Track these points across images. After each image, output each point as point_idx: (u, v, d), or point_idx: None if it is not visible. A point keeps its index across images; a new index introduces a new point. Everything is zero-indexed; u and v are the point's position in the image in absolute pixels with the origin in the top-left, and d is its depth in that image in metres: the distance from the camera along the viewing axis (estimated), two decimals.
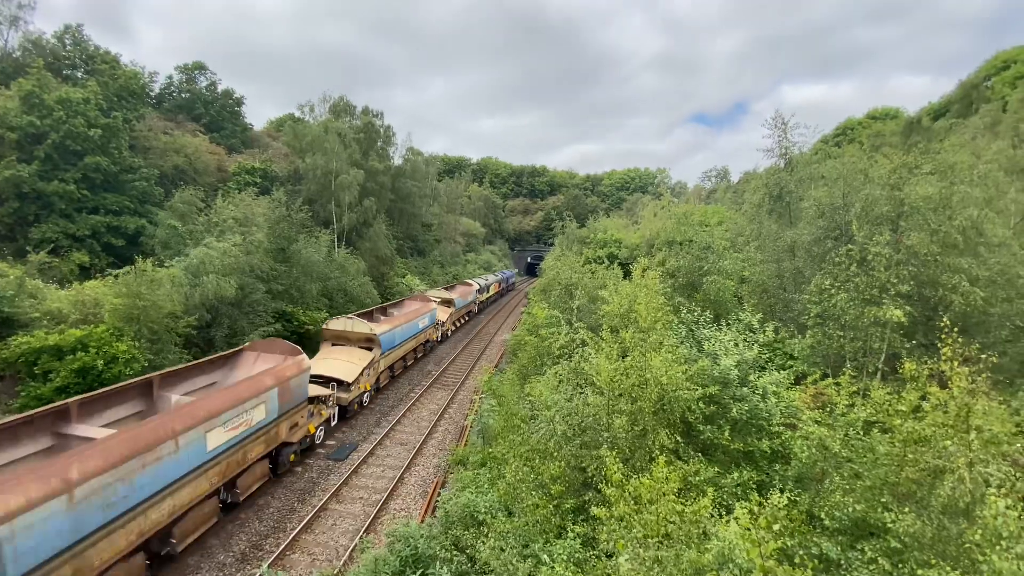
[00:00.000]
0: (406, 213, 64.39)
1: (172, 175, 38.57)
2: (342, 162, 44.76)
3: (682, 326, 15.54)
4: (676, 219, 27.12)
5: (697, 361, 12.01)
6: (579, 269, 24.91)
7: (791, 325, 20.29)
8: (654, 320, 13.25)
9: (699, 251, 22.47)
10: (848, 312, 14.98)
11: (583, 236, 51.95)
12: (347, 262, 37.75)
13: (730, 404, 11.32)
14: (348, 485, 17.57)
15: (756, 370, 12.62)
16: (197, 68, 54.61)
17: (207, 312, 24.19)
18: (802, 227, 20.44)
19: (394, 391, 27.85)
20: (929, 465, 7.47)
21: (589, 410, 11.26)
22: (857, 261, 15.18)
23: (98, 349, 18.33)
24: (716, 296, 20.60)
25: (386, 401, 26.15)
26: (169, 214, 31.13)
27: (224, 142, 51.60)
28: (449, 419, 24.25)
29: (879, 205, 16.20)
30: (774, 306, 21.44)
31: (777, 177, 22.82)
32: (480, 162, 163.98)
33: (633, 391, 10.89)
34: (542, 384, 13.84)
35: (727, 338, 13.17)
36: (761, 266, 22.07)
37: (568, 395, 12.38)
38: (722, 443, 10.99)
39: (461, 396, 27.53)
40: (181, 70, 54.25)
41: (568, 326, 19.34)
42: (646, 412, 10.61)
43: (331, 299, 33.79)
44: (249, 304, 25.90)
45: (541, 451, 11.55)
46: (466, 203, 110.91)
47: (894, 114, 72.43)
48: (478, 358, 36.28)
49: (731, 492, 10.05)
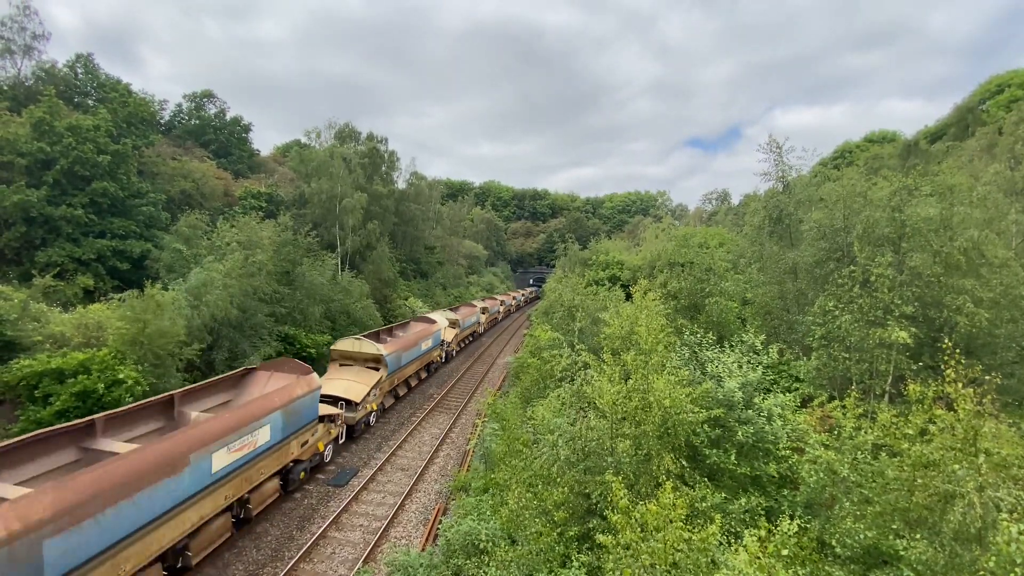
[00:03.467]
0: (409, 236, 65.06)
1: (179, 200, 39.19)
2: (347, 186, 45.55)
3: (685, 348, 15.42)
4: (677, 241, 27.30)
5: (701, 383, 11.91)
6: (581, 291, 24.98)
7: (795, 347, 20.43)
8: (656, 342, 13.08)
9: (701, 273, 22.52)
10: (853, 334, 15.01)
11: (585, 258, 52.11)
12: (351, 284, 38.00)
13: (735, 427, 11.26)
14: (348, 512, 17.27)
15: (761, 392, 12.47)
16: (205, 96, 56.03)
17: (208, 334, 24.24)
18: (803, 248, 20.61)
19: (396, 415, 27.67)
20: (939, 490, 7.36)
21: (592, 434, 11.14)
22: (860, 282, 15.25)
23: (100, 372, 18.32)
24: (719, 318, 20.54)
25: (387, 425, 25.96)
26: (175, 238, 31.52)
27: (231, 167, 52.58)
28: (451, 443, 24.03)
29: (880, 226, 16.34)
30: (778, 327, 21.43)
31: (776, 200, 23.07)
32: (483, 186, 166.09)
33: (636, 414, 10.79)
34: (544, 407, 13.72)
35: (730, 360, 13.04)
36: (763, 287, 22.17)
37: (571, 419, 12.23)
38: (728, 467, 10.86)
39: (463, 420, 27.32)
40: (190, 98, 55.68)
41: (570, 348, 19.26)
42: (650, 436, 10.48)
43: (334, 321, 33.93)
44: (251, 326, 25.97)
45: (544, 476, 11.39)
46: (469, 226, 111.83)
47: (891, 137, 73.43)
48: (480, 380, 36.14)
49: (739, 518, 9.90)
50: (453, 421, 26.75)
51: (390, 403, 27.85)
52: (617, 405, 10.92)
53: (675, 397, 10.69)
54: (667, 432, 10.81)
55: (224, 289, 24.75)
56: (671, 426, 10.74)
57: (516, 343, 53.03)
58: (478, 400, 29.58)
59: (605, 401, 10.90)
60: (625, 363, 12.09)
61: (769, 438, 11.06)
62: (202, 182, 42.00)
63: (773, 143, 22.72)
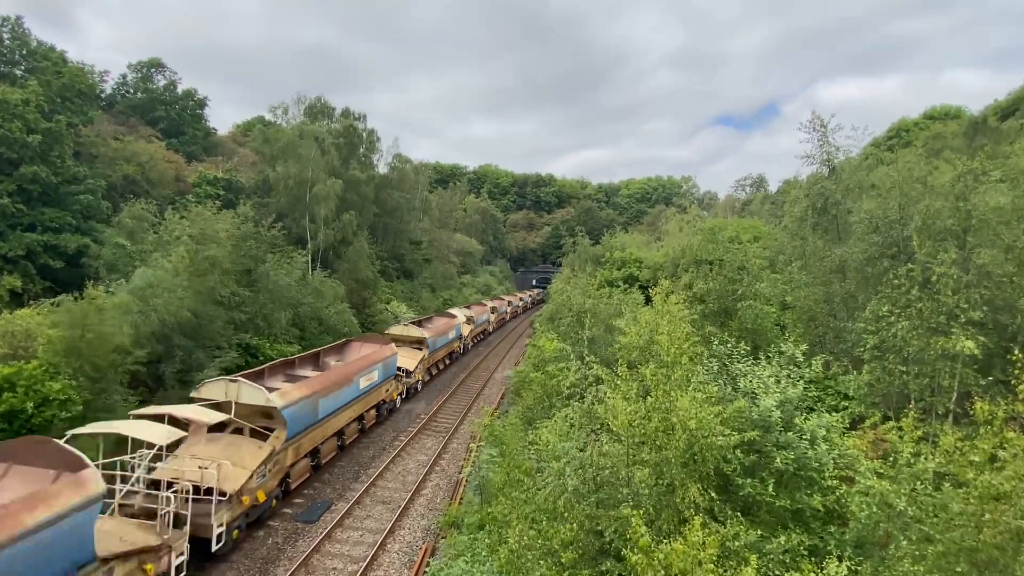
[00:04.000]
0: (392, 229, 65.30)
1: (122, 187, 39.29)
2: (319, 171, 45.80)
3: (713, 360, 15.36)
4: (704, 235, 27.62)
5: (732, 401, 11.92)
6: (592, 293, 25.14)
7: (844, 359, 20.38)
8: (679, 353, 13.21)
9: (732, 272, 22.62)
10: (911, 343, 14.98)
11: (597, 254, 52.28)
12: (323, 286, 38.21)
13: (773, 452, 11.05)
14: (319, 552, 17.25)
15: (803, 412, 12.40)
16: (154, 66, 56.27)
17: (158, 343, 24.26)
18: (852, 244, 20.63)
19: (377, 438, 27.83)
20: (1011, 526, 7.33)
21: (605, 461, 11.17)
22: (919, 283, 15.19)
23: (28, 389, 18.25)
24: (753, 324, 20.63)
25: (366, 450, 26.08)
26: (116, 231, 31.63)
27: (183, 149, 52.81)
28: (441, 472, 24.16)
29: (942, 217, 16.30)
30: (823, 336, 21.44)
31: (821, 187, 23.08)
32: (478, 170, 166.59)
33: (657, 437, 10.82)
34: (550, 430, 13.79)
35: (767, 374, 13.03)
36: (806, 289, 22.12)
37: (580, 443, 12.27)
38: (765, 500, 10.72)
39: (455, 445, 27.48)
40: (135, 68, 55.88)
41: (579, 361, 19.40)
42: (673, 463, 10.49)
43: (303, 329, 34.16)
44: (206, 334, 26.02)
45: (549, 511, 11.41)
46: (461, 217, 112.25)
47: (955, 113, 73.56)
48: (475, 397, 36.37)
49: (778, 560, 9.82)
50: (443, 445, 26.95)
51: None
52: (634, 427, 10.75)
53: (702, 417, 10.51)
54: (693, 459, 10.78)
55: (173, 291, 24.70)
56: (698, 451, 10.72)
57: (517, 354, 53.37)
58: (472, 421, 29.84)
59: (620, 422, 10.69)
60: (644, 378, 11.93)
61: (813, 465, 10.95)
62: (149, 166, 42.12)
63: (816, 120, 22.76)
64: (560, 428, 13.81)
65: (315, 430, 21.68)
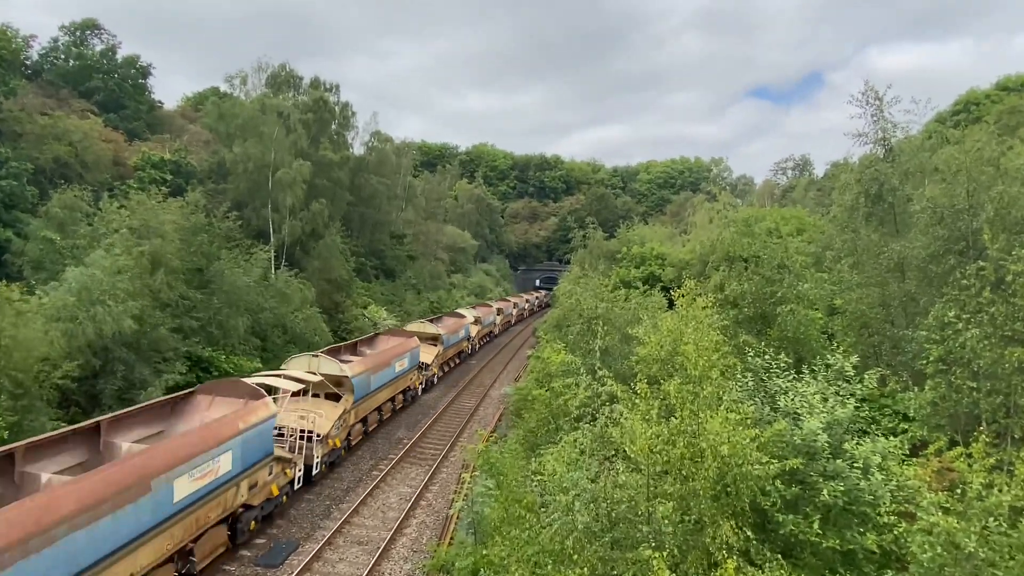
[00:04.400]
0: (369, 220, 65.39)
1: (52, 170, 39.30)
2: (283, 152, 45.86)
3: (748, 374, 15.61)
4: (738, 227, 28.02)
5: (771, 423, 11.99)
6: (606, 296, 25.21)
7: (902, 372, 20.41)
8: (708, 366, 13.19)
9: (771, 271, 22.66)
10: (982, 354, 14.80)
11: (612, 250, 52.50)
12: (288, 287, 38.21)
13: (819, 483, 11.12)
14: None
15: (854, 436, 12.58)
16: (88, 28, 56.26)
17: (94, 355, 24.20)
18: (913, 237, 20.68)
19: (352, 466, 27.80)
20: None
21: (622, 494, 11.19)
22: (991, 283, 15.07)
23: None
24: (795, 332, 20.65)
25: (339, 482, 26.04)
26: (44, 223, 31.47)
27: (123, 126, 52.81)
28: (427, 507, 24.17)
29: (1018, 206, 16.39)
30: (878, 346, 21.60)
31: (875, 170, 23.14)
32: (471, 151, 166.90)
33: (683, 466, 10.85)
34: (556, 457, 13.76)
35: (812, 391, 13.16)
36: (858, 291, 22.26)
37: (592, 472, 12.29)
38: (810, 539, 10.67)
39: (444, 474, 27.48)
40: (68, 31, 55.86)
41: (591, 375, 19.42)
42: (702, 496, 10.51)
43: (264, 339, 34.03)
44: (150, 344, 25.97)
45: (556, 553, 11.28)
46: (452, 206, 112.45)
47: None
48: (467, 419, 36.43)
49: None
50: (430, 475, 26.95)
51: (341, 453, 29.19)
52: (656, 453, 10.78)
53: (736, 442, 10.53)
54: (725, 491, 10.79)
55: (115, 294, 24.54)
56: (731, 482, 10.73)
57: (516, 368, 53.79)
58: (463, 446, 29.91)
59: (639, 448, 10.74)
60: (666, 395, 11.93)
61: (866, 498, 11.00)
62: (83, 145, 42.13)
63: (870, 92, 22.82)
64: (568, 455, 13.79)
65: (368, 399, 31.11)
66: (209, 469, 16.95)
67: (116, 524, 13.60)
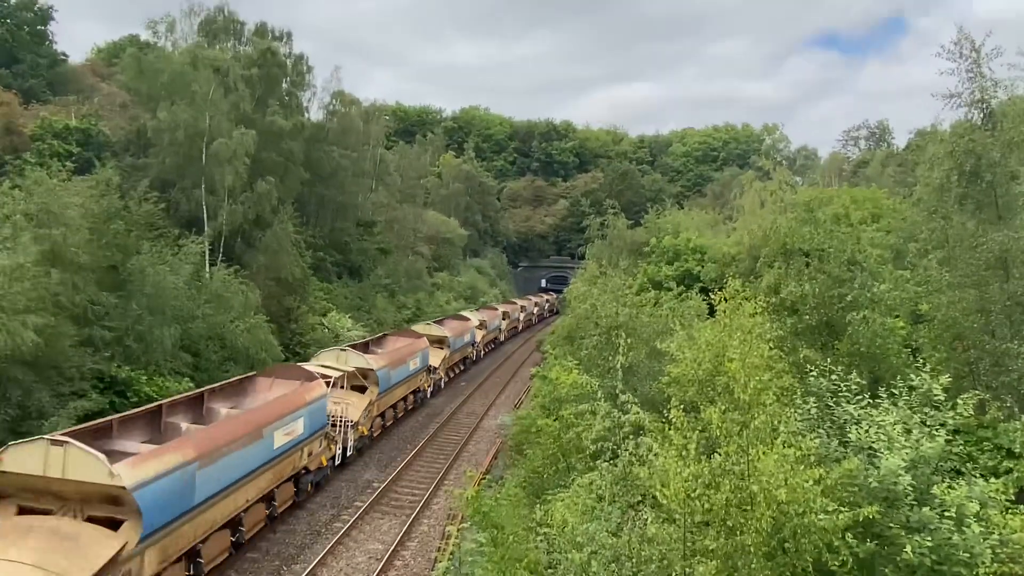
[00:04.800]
0: (330, 204, 65.40)
1: None
2: (221, 116, 45.48)
3: (811, 399, 15.78)
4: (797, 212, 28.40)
5: (840, 461, 12.27)
6: (631, 300, 26.02)
7: (1006, 397, 20.58)
8: (759, 389, 12.95)
9: (839, 268, 22.81)
10: None
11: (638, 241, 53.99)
12: (227, 289, 38.11)
13: (901, 538, 11.32)
14: None
15: (945, 477, 12.84)
16: None
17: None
18: (1019, 225, 20.80)
19: (306, 517, 27.75)
20: None
21: (651, 551, 11.58)
22: None
23: None
24: (870, 346, 20.73)
25: (293, 535, 25.79)
26: None
27: (18, 84, 51.46)
28: (403, 567, 24.43)
29: None
30: (975, 363, 21.62)
31: (970, 140, 23.05)
32: (459, 116, 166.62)
33: (728, 516, 11.03)
34: (567, 504, 14.82)
35: (891, 419, 13.33)
36: (949, 293, 22.21)
37: (614, 524, 12.83)
38: None
39: (424, 527, 27.73)
40: None
41: (611, 401, 19.68)
42: (752, 554, 10.66)
43: (197, 355, 33.78)
44: (51, 362, 25.17)
45: None
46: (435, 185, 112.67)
47: None
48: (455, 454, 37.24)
49: None
50: (407, 527, 27.11)
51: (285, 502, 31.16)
52: (694, 500, 10.99)
53: (795, 485, 10.70)
54: (782, 547, 11.16)
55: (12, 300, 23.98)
56: (789, 536, 11.03)
57: (515, 392, 54.56)
58: (449, 489, 30.19)
59: (673, 493, 10.98)
60: (707, 426, 12.13)
61: (960, 556, 11.03)
62: None
63: (965, 42, 22.51)
64: (583, 502, 14.61)
65: (389, 393, 38.39)
66: (292, 428, 25.42)
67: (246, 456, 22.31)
